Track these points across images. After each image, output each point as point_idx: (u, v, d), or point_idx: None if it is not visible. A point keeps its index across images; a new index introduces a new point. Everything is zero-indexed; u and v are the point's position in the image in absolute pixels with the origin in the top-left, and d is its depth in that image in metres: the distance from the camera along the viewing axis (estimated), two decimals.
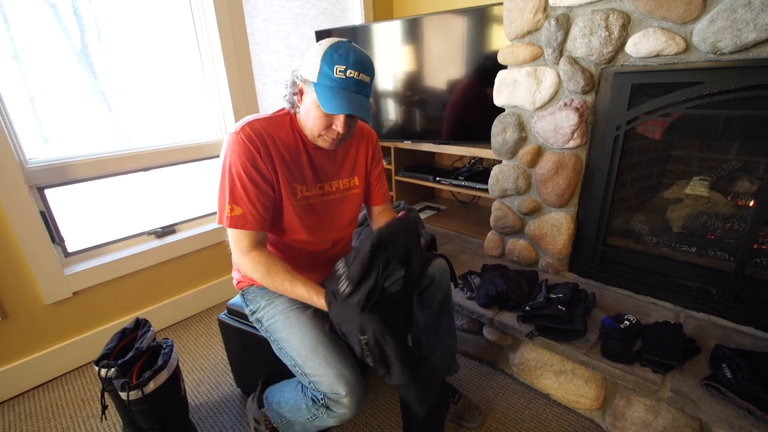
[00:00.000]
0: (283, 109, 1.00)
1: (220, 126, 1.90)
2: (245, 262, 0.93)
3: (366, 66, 0.89)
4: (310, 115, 0.92)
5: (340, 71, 0.85)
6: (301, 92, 0.94)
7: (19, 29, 1.34)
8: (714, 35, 1.04)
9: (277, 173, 0.95)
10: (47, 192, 1.44)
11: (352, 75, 0.86)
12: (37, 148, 1.42)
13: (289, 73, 0.96)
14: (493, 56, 1.55)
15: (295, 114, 0.99)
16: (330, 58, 0.85)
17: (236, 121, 0.99)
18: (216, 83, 1.84)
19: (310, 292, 0.88)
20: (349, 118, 0.92)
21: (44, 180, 1.41)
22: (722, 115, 1.30)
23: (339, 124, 0.91)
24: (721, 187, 1.39)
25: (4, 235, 1.31)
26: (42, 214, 1.39)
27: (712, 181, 1.40)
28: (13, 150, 1.30)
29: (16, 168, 1.29)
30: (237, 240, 0.93)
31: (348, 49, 0.87)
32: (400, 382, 0.79)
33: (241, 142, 0.90)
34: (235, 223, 0.92)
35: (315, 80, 0.87)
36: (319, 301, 0.87)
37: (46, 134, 1.46)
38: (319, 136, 0.95)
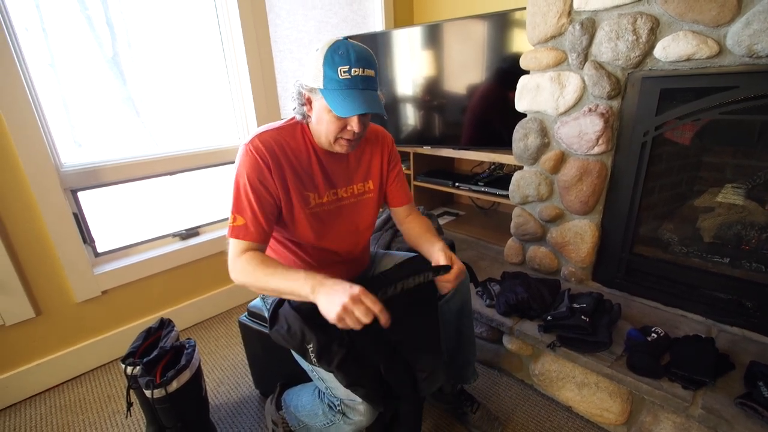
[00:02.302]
0: (294, 118, 1.00)
1: (244, 131, 1.95)
2: (240, 260, 0.89)
3: (369, 60, 0.87)
4: (323, 122, 0.91)
5: (344, 72, 0.84)
6: (309, 101, 0.93)
7: (56, 39, 1.41)
8: (750, 38, 1.00)
9: (287, 184, 0.95)
10: (80, 194, 1.50)
11: (357, 73, 0.84)
12: (71, 152, 1.48)
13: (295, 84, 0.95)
14: (514, 61, 1.53)
15: (306, 124, 0.99)
16: (331, 60, 0.84)
17: (258, 127, 1.01)
18: (240, 90, 1.89)
19: (299, 276, 0.81)
20: (363, 116, 0.91)
21: (77, 183, 1.47)
22: (758, 121, 1.25)
23: (354, 124, 0.90)
24: (757, 196, 1.33)
25: (40, 236, 1.38)
26: (75, 215, 1.45)
27: (747, 189, 1.34)
28: (50, 155, 1.36)
29: (53, 172, 1.36)
30: (234, 246, 0.91)
31: (347, 48, 0.85)
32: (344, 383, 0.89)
33: (250, 155, 0.91)
34: (236, 233, 0.91)
35: (321, 86, 0.86)
36: (309, 286, 0.79)
37: (78, 138, 1.53)
38: (335, 141, 0.94)
